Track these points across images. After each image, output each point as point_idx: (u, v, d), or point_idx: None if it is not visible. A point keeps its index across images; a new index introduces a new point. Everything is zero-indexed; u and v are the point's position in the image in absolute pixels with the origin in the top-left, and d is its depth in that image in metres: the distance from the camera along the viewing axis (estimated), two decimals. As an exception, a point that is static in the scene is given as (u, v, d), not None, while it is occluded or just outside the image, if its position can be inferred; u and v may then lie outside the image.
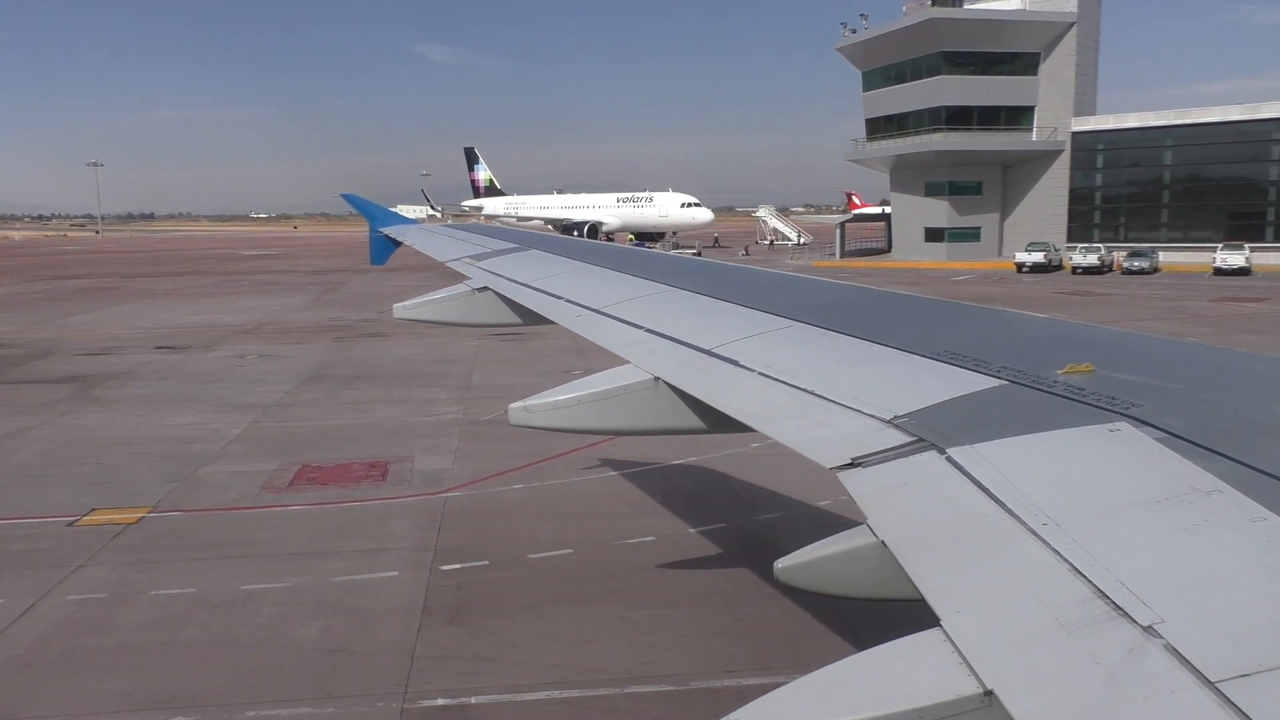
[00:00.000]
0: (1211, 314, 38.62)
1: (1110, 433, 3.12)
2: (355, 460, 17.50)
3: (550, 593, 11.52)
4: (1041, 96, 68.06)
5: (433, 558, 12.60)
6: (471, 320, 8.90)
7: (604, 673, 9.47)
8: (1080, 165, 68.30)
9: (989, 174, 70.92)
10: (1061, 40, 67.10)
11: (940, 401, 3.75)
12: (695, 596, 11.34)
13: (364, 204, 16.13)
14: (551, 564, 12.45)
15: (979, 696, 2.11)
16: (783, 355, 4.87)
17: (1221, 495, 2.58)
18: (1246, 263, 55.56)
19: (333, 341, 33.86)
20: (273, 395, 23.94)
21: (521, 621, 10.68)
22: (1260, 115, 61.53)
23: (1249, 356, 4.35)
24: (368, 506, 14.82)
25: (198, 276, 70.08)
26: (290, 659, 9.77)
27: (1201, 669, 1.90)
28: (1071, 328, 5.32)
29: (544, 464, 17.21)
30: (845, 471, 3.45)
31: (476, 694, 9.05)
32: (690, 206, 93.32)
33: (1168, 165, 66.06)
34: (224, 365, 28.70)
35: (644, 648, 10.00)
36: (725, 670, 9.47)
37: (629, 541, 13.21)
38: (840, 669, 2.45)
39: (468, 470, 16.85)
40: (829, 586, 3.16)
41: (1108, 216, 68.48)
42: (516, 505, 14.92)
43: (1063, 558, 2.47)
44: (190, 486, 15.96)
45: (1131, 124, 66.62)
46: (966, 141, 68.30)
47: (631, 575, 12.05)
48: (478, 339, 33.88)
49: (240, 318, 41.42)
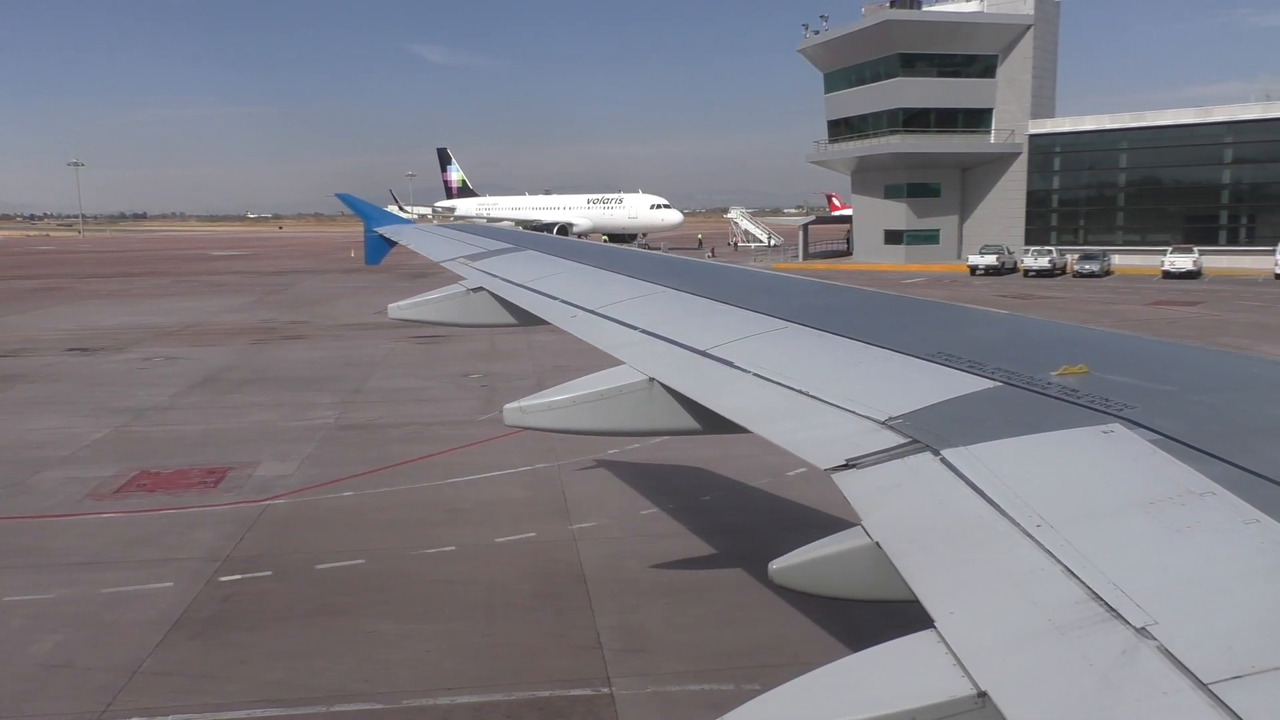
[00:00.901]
0: (1138, 317, 38.52)
1: (1104, 434, 3.13)
2: (197, 466, 17.24)
3: (315, 605, 11.29)
4: (999, 99, 67.93)
5: (217, 569, 12.35)
6: (466, 320, 8.80)
7: (317, 690, 9.25)
8: (1037, 168, 68.19)
9: (948, 176, 70.82)
10: (1018, 43, 66.99)
11: (935, 403, 3.75)
12: (460, 610, 11.12)
13: (358, 204, 16.10)
14: (335, 574, 12.22)
15: (972, 698, 2.10)
16: (778, 356, 4.86)
17: (1215, 497, 2.58)
18: (1195, 266, 55.53)
19: (249, 344, 33.55)
20: (156, 399, 23.66)
21: (267, 636, 10.45)
22: (1213, 119, 61.48)
23: (1243, 359, 4.34)
24: (182, 514, 14.57)
25: (154, 277, 69.71)
26: (4, 675, 9.52)
27: (1194, 671, 1.91)
28: (1066, 329, 5.31)
29: (396, 469, 17.01)
30: (840, 473, 3.42)
31: (176, 713, 8.81)
32: (659, 208, 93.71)
33: (1123, 168, 65.99)
34: (125, 368, 28.40)
35: (375, 664, 9.77)
36: (443, 689, 9.23)
37: (427, 551, 12.99)
38: (833, 670, 2.42)
39: (308, 476, 16.61)
40: (823, 588, 3.15)
41: (1065, 219, 68.42)
42: (334, 513, 14.68)
43: (1056, 559, 2.47)
44: (14, 493, 15.69)
45: (1088, 126, 66.54)
46: (924, 144, 68.14)
47: (410, 587, 11.83)
48: (394, 342, 33.71)
49: (169, 319, 41.10)
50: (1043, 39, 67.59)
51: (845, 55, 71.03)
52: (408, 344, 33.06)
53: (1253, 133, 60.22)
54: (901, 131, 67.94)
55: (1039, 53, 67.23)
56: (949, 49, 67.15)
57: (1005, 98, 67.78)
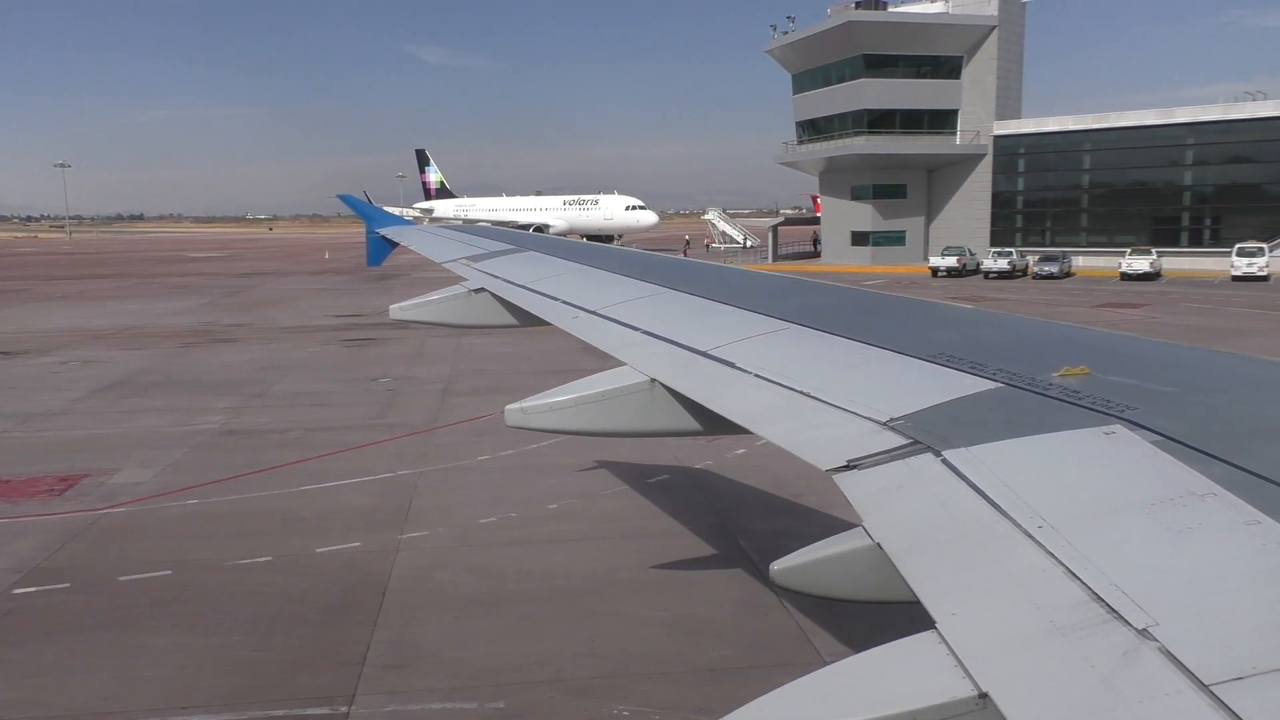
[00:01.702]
0: (1080, 319, 38.29)
1: (1105, 435, 3.13)
2: (52, 474, 17.02)
3: (100, 619, 11.07)
4: (964, 100, 67.73)
5: (16, 580, 12.13)
6: (468, 321, 8.86)
7: (52, 710, 9.02)
8: (1003, 169, 67.97)
9: (914, 178, 70.62)
10: (983, 44, 66.81)
11: (936, 404, 3.76)
12: (244, 624, 10.90)
13: (360, 205, 15.89)
14: (136, 586, 12.00)
15: (974, 699, 2.10)
16: (779, 357, 4.87)
17: (1216, 498, 2.58)
18: (1151, 268, 55.41)
19: (178, 347, 33.33)
20: (53, 403, 23.45)
21: (31, 652, 10.23)
22: (1174, 120, 61.32)
23: (1244, 360, 4.32)
24: (13, 524, 14.33)
25: (121, 279, 69.53)
26: None
27: (1195, 672, 1.91)
28: (1068, 330, 5.36)
29: (257, 476, 16.79)
30: (841, 474, 3.43)
31: (-106, 733, 8.61)
32: (635, 209, 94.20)
33: (1087, 169, 65.79)
34: (37, 372, 28.18)
35: (126, 681, 9.55)
36: (180, 708, 9.01)
37: (240, 562, 12.77)
38: (835, 671, 2.44)
39: (162, 484, 16.39)
40: (824, 589, 3.16)
41: (1030, 220, 68.22)
42: (168, 523, 14.45)
43: (1057, 560, 2.47)
44: None
45: (1051, 128, 66.34)
46: (889, 145, 67.90)
47: (206, 599, 11.61)
48: (323, 345, 33.53)
49: (111, 321, 40.91)
50: (1008, 40, 67.42)
51: (811, 56, 70.85)
52: (336, 348, 32.89)
53: (1214, 134, 60.10)
54: (866, 133, 67.75)
55: (1004, 54, 67.05)
56: (913, 50, 66.95)
57: (971, 99, 67.61)
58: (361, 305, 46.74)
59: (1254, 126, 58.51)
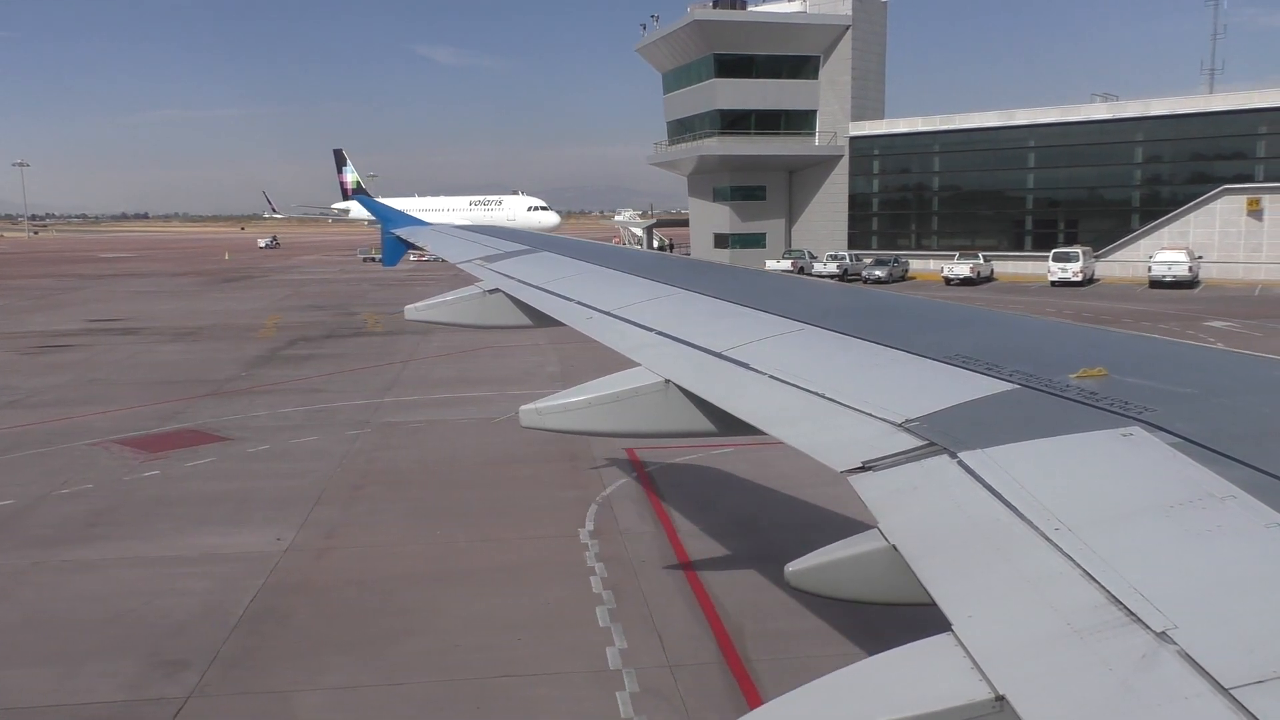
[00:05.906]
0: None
1: (1123, 437, 3.10)
2: None
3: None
4: (822, 101, 66.97)
5: None
6: (483, 322, 8.90)
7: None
8: (859, 171, 67.39)
9: (774, 179, 69.87)
10: (838, 44, 65.92)
11: (952, 405, 3.73)
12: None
13: (376, 206, 15.99)
14: None
15: (990, 702, 2.08)
16: (794, 358, 4.85)
17: (1236, 501, 2.56)
18: (973, 272, 54.78)
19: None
20: None
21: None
22: (1015, 122, 60.89)
23: (1264, 362, 4.27)
24: None
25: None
26: None
27: (1215, 675, 1.89)
28: (1084, 331, 5.33)
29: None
30: (856, 475, 3.39)
31: None
32: (537, 210, 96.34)
33: (936, 171, 65.28)
34: None
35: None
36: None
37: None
38: (851, 673, 2.41)
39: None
40: (839, 591, 3.12)
41: (885, 222, 67.76)
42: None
43: (1075, 563, 2.46)
44: None
45: (902, 129, 65.87)
46: (743, 146, 66.99)
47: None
48: (12, 354, 32.83)
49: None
50: (864, 40, 66.57)
51: (672, 56, 70.07)
52: (18, 356, 32.20)
53: (1053, 137, 59.35)
54: (719, 134, 66.86)
55: (859, 54, 66.25)
56: (768, 50, 66.07)
57: (828, 99, 66.91)
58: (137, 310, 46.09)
59: (1091, 129, 57.74)
